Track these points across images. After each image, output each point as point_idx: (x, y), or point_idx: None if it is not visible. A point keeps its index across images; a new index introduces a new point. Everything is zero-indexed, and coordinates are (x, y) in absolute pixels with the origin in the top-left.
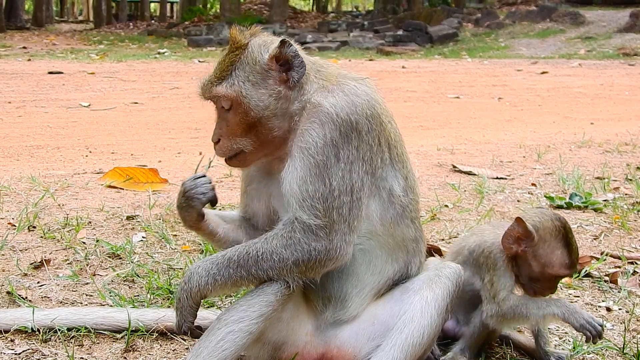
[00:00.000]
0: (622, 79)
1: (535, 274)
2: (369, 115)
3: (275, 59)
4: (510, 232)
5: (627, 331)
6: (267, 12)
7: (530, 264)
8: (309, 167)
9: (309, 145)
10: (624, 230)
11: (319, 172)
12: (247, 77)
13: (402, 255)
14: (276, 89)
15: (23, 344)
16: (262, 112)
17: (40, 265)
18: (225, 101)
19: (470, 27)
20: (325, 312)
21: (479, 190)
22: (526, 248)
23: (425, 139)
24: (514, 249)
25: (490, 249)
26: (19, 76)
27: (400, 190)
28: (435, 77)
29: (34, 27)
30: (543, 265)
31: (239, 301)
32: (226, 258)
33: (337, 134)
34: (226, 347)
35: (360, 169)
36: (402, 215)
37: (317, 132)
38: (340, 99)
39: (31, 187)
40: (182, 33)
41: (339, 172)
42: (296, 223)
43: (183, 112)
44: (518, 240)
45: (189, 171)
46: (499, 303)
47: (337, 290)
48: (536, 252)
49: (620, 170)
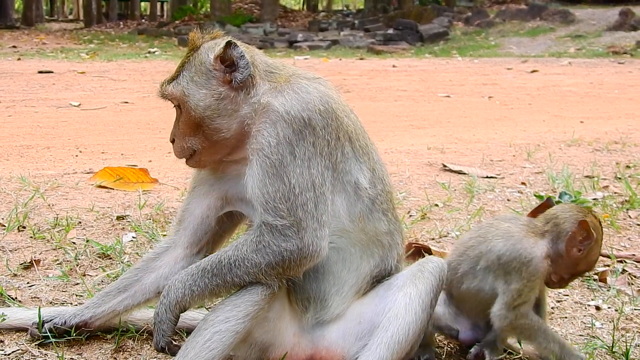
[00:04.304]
0: (612, 77)
1: (576, 272)
2: (322, 110)
3: (220, 60)
4: (574, 235)
5: (616, 330)
6: (258, 11)
7: (578, 264)
8: (265, 169)
9: (262, 146)
10: (613, 229)
11: (276, 171)
12: (192, 77)
13: (377, 250)
14: (218, 90)
15: (12, 344)
16: (203, 111)
17: (30, 266)
18: (173, 100)
19: (461, 25)
20: (307, 313)
21: (469, 189)
22: (584, 249)
23: (415, 138)
24: (575, 253)
25: (529, 258)
26: (9, 75)
27: (367, 183)
28: (426, 76)
29: (23, 26)
30: (588, 264)
31: (225, 301)
32: (200, 269)
33: (290, 131)
34: (213, 347)
35: (319, 165)
36: (372, 208)
37: (269, 131)
38: (291, 97)
39: (21, 187)
40: (173, 32)
41: (296, 169)
42: (263, 226)
43: (173, 112)
44: (580, 242)
45: (179, 171)
46: (517, 314)
47: (316, 291)
48: (590, 251)
49: (610, 168)
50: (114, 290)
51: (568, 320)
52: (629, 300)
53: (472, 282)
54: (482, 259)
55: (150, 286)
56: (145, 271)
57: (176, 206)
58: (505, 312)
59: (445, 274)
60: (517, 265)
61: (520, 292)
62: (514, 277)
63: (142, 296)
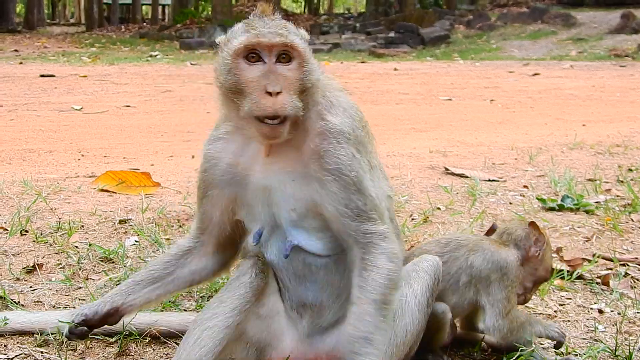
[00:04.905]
0: (614, 81)
1: (536, 279)
2: (365, 124)
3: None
4: (527, 236)
5: (619, 333)
6: None
7: (537, 268)
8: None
9: (337, 166)
10: (615, 232)
11: (357, 188)
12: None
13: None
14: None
15: (16, 348)
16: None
17: (32, 270)
18: (296, 53)
19: (462, 28)
20: (302, 321)
21: (471, 192)
22: (539, 251)
23: (417, 141)
24: (532, 252)
25: (507, 266)
26: (11, 79)
27: (390, 191)
28: (427, 79)
29: (25, 30)
30: (545, 270)
31: (212, 299)
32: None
33: (355, 149)
34: (204, 344)
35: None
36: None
37: (341, 152)
38: (344, 115)
39: (23, 191)
40: (174, 36)
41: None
42: (370, 236)
43: (175, 115)
44: (535, 243)
45: (181, 174)
46: (510, 319)
47: (313, 300)
48: (544, 255)
49: (612, 171)
50: (144, 281)
51: (571, 324)
52: (632, 304)
53: (451, 298)
54: (463, 274)
55: (182, 279)
56: (176, 265)
57: (179, 210)
58: (501, 322)
59: (440, 271)
60: (499, 276)
61: (508, 298)
62: (496, 287)
63: (174, 287)
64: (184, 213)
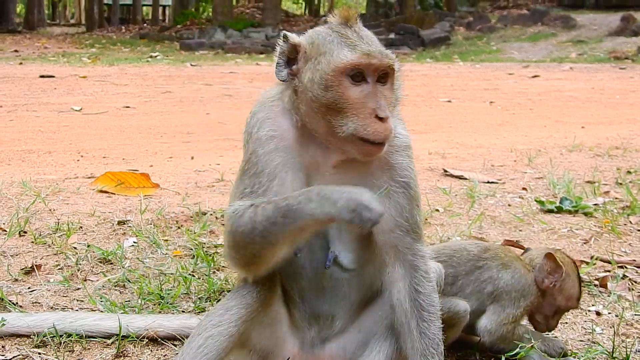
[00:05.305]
0: (613, 83)
1: (557, 308)
2: None
3: None
4: (542, 267)
5: (617, 335)
6: (260, 16)
7: (555, 298)
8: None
9: (408, 179)
10: (613, 235)
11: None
12: None
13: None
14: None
15: (14, 349)
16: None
17: (31, 271)
18: (392, 73)
19: (462, 30)
20: (311, 330)
21: (470, 194)
22: (555, 282)
23: (416, 142)
24: (546, 283)
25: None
26: (11, 80)
27: None
28: (427, 80)
29: (25, 30)
30: (567, 299)
31: (217, 305)
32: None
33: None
34: (207, 351)
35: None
36: None
37: (410, 165)
38: (406, 131)
39: (22, 191)
40: (175, 36)
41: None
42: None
43: (175, 117)
44: (548, 275)
45: (180, 176)
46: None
47: (326, 311)
48: (563, 286)
49: (611, 174)
50: None
51: (568, 326)
52: (629, 306)
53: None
54: (490, 284)
55: None
56: None
57: (177, 211)
58: (495, 328)
59: (442, 277)
60: (517, 295)
61: (516, 317)
62: (509, 302)
63: None
64: (182, 214)
